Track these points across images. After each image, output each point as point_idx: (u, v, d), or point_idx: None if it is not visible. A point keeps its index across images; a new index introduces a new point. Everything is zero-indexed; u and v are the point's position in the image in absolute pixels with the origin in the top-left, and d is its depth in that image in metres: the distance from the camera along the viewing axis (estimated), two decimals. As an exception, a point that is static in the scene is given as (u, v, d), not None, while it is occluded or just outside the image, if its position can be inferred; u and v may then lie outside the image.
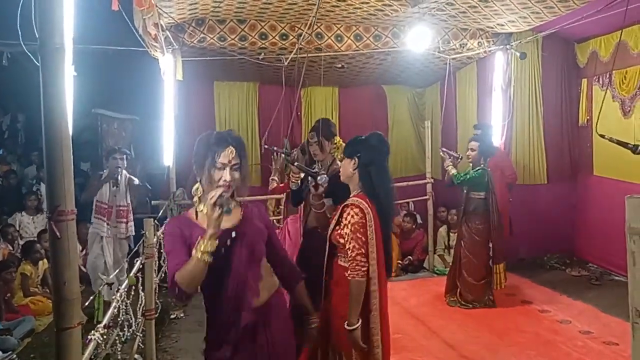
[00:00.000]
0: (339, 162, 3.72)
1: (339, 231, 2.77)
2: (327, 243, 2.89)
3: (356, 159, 2.82)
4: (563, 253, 7.00)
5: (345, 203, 2.82)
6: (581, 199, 7.09)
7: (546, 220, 6.92)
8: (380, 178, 2.81)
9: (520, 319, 5.11)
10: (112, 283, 3.78)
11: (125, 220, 5.93)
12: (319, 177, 3.03)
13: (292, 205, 4.49)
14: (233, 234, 2.18)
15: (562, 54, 7.06)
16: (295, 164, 3.63)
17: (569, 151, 7.16)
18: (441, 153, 5.83)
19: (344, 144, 3.75)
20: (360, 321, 2.69)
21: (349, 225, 2.70)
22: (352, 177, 2.86)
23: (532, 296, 5.73)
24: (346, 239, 2.71)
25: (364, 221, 2.69)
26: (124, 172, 5.95)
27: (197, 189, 2.20)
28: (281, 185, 4.65)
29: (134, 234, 5.96)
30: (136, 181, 6.00)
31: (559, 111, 7.11)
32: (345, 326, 2.67)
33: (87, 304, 2.52)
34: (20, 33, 2.35)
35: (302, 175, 3.75)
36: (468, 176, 5.40)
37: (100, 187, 5.79)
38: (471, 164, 5.51)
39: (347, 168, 2.86)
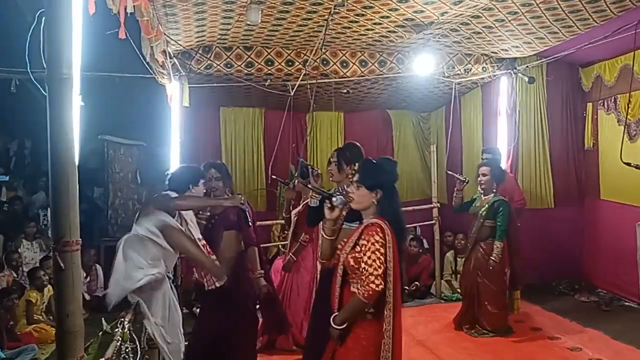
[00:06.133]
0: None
1: (354, 254, 2.67)
2: (339, 269, 2.78)
3: (379, 192, 2.75)
4: (571, 278, 6.89)
5: (365, 224, 2.74)
6: (589, 223, 7.02)
7: (553, 245, 6.85)
8: (397, 204, 2.82)
9: (530, 347, 5.02)
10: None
11: None
12: (334, 199, 2.85)
13: (308, 225, 4.43)
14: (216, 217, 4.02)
15: (567, 78, 7.07)
16: (310, 185, 3.60)
17: (576, 175, 7.13)
18: (451, 173, 5.81)
19: None
20: (346, 325, 2.65)
21: (369, 245, 2.61)
22: (369, 207, 2.78)
23: (541, 323, 5.64)
24: (364, 260, 2.60)
25: (384, 241, 2.62)
26: None
27: None
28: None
29: None
30: None
31: (564, 135, 7.10)
32: (332, 321, 2.67)
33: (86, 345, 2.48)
34: (28, 61, 2.36)
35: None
36: (503, 226, 5.21)
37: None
38: (483, 190, 5.44)
39: (367, 199, 2.76)
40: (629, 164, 3.74)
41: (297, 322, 4.99)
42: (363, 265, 2.60)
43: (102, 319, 3.24)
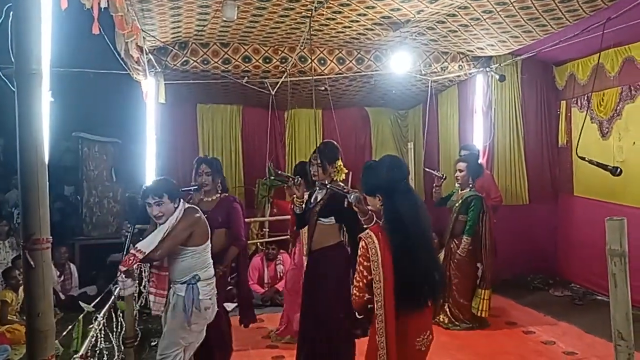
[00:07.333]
0: (340, 183, 3.82)
1: None
2: None
3: (379, 196, 2.72)
4: (546, 273, 7.02)
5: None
6: (562, 219, 7.14)
7: (528, 241, 6.96)
8: (406, 205, 2.66)
9: (504, 341, 5.10)
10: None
11: None
12: (349, 196, 3.15)
13: (296, 228, 4.53)
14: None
15: (541, 76, 7.18)
16: (328, 185, 3.67)
17: (550, 172, 7.25)
18: (428, 170, 5.84)
19: (344, 169, 3.86)
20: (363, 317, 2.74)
21: (358, 259, 2.68)
22: (380, 211, 2.77)
23: (516, 317, 5.73)
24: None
25: (367, 255, 2.62)
26: None
27: None
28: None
29: None
30: None
31: (539, 132, 7.21)
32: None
33: (64, 333, 2.44)
34: (-4, 57, 2.31)
35: (306, 199, 3.87)
36: (472, 221, 5.31)
37: None
38: (460, 185, 5.52)
39: (374, 204, 2.78)
40: (583, 158, 3.84)
41: (293, 313, 5.03)
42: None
43: (80, 302, 3.20)
